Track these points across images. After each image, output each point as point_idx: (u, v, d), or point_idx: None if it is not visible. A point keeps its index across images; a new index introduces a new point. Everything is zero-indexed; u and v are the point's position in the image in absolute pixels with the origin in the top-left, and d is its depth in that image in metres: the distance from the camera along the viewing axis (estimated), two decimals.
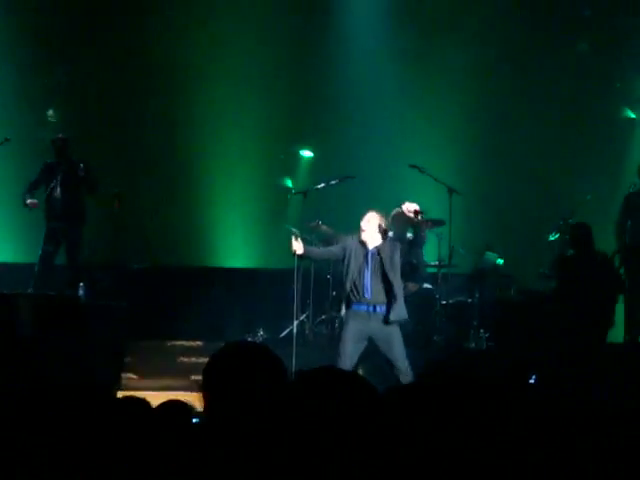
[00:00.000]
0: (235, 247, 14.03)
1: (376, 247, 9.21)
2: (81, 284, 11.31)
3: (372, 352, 9.17)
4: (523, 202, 13.87)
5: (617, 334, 11.15)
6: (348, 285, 9.07)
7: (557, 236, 12.01)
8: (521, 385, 4.36)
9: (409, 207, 9.23)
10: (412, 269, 11.95)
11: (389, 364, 8.87)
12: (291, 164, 14.47)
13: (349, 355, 8.83)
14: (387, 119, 14.27)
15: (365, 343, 8.99)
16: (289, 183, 12.26)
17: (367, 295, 9.03)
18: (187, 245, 13.99)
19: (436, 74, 13.99)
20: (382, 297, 9.03)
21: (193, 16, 14.11)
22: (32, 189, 12.12)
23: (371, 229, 9.24)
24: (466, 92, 14.01)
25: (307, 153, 13.81)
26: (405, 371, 8.68)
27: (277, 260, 12.78)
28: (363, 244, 9.22)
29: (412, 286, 11.38)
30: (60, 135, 12.25)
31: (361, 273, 9.11)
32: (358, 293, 9.04)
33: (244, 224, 14.09)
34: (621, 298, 10.96)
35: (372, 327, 8.94)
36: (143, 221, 13.86)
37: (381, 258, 9.12)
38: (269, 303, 12.19)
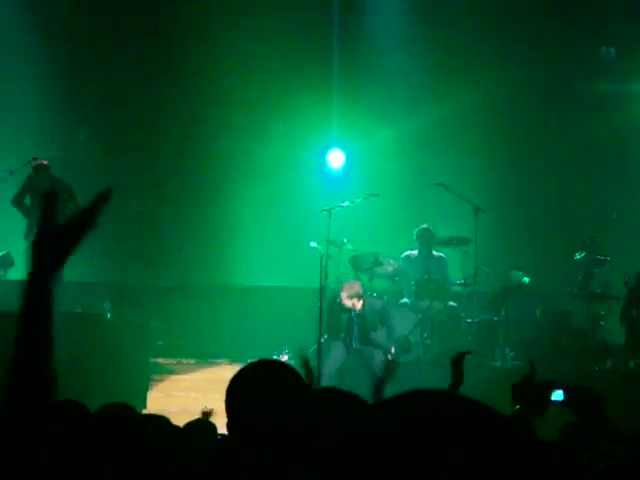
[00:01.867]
0: (259, 264, 14.02)
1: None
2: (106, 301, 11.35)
3: None
4: (550, 220, 13.81)
5: None
6: None
7: (583, 255, 11.93)
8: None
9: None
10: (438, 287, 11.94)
11: None
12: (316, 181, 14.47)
13: None
14: (414, 137, 14.25)
15: None
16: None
17: None
18: (209, 264, 14.00)
19: (462, 91, 13.94)
20: None
21: (227, 47, 14.13)
22: (17, 202, 12.22)
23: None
24: (492, 110, 13.98)
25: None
26: None
27: (301, 278, 12.78)
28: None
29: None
30: (38, 160, 12.12)
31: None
32: None
33: (267, 241, 14.09)
34: None
35: None
36: (165, 239, 13.88)
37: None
38: (293, 321, 12.17)
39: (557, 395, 4.14)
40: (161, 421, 4.87)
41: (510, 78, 13.97)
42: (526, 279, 12.50)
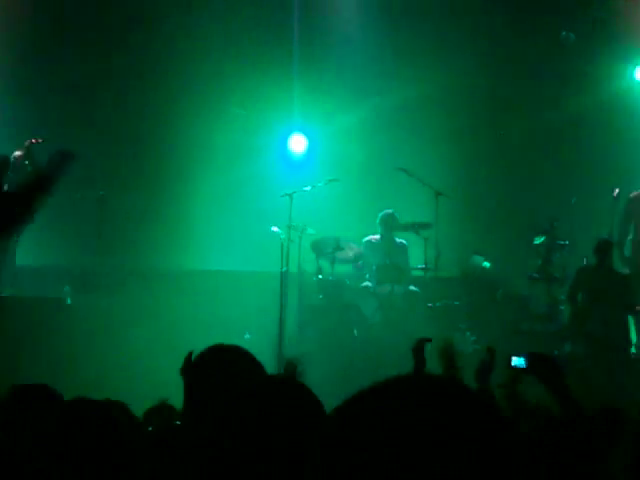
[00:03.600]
0: (219, 249, 13.98)
1: None
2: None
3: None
4: (510, 205, 13.87)
5: None
6: None
7: (543, 239, 12.01)
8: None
9: None
10: (399, 272, 11.98)
11: None
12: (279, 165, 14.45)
13: None
14: (374, 121, 14.25)
15: None
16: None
17: None
18: (170, 248, 13.94)
19: (425, 77, 13.96)
20: None
21: (185, 32, 14.03)
22: None
23: None
24: (454, 96, 14.01)
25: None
26: None
27: (262, 262, 12.77)
28: None
29: None
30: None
31: None
32: None
33: (228, 226, 14.04)
34: None
35: None
36: (128, 224, 13.82)
37: None
38: (254, 306, 12.16)
39: (518, 361, 4.20)
40: (120, 407, 4.84)
41: (471, 63, 14.00)
42: (487, 264, 12.58)
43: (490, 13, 14.09)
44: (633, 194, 12.20)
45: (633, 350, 11.47)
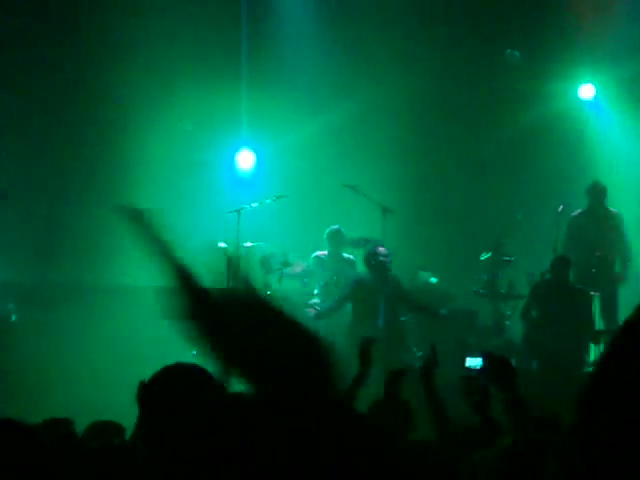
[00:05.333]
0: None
1: None
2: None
3: None
4: (456, 221, 13.96)
5: None
6: None
7: (489, 255, 12.12)
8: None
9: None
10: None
11: None
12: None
13: None
14: (322, 137, 14.27)
15: None
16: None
17: None
18: (116, 264, 13.82)
19: (374, 93, 14.02)
20: None
21: (132, 46, 13.93)
22: None
23: None
24: (403, 112, 14.08)
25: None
26: None
27: (208, 279, 12.69)
28: None
29: None
30: None
31: None
32: None
33: (178, 241, 13.91)
34: None
35: None
36: (72, 240, 13.69)
37: None
38: None
39: (474, 362, 4.21)
40: (62, 424, 4.80)
41: (419, 77, 14.09)
42: (433, 279, 12.66)
43: (439, 31, 14.20)
44: (576, 212, 12.34)
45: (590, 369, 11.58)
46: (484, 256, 12.21)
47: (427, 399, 4.92)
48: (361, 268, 12.35)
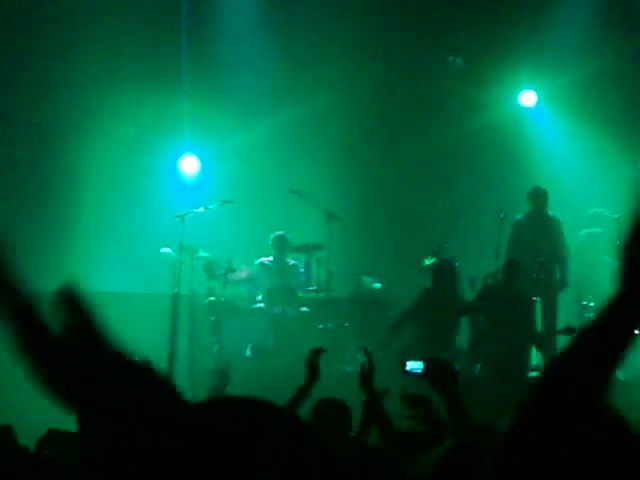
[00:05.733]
0: (109, 271, 13.77)
1: None
2: None
3: None
4: (400, 226, 14.03)
5: None
6: None
7: (432, 261, 12.19)
8: None
9: None
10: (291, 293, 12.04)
11: None
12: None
13: None
14: (267, 142, 14.27)
15: None
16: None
17: None
18: (58, 269, 13.69)
19: (318, 96, 14.04)
20: None
21: (73, 50, 13.78)
22: None
23: None
24: (346, 115, 14.10)
25: None
26: None
27: (153, 285, 12.65)
28: None
29: None
30: None
31: None
32: None
33: (118, 247, 13.83)
34: None
35: None
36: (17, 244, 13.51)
37: None
38: (144, 328, 12.03)
39: (415, 366, 4.22)
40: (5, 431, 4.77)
41: (362, 83, 14.16)
42: (377, 285, 12.72)
43: (384, 34, 14.27)
44: (518, 217, 12.45)
45: (534, 374, 11.69)
46: (427, 261, 12.28)
47: (368, 404, 4.96)
48: (313, 273, 12.33)
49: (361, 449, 4.80)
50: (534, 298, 11.67)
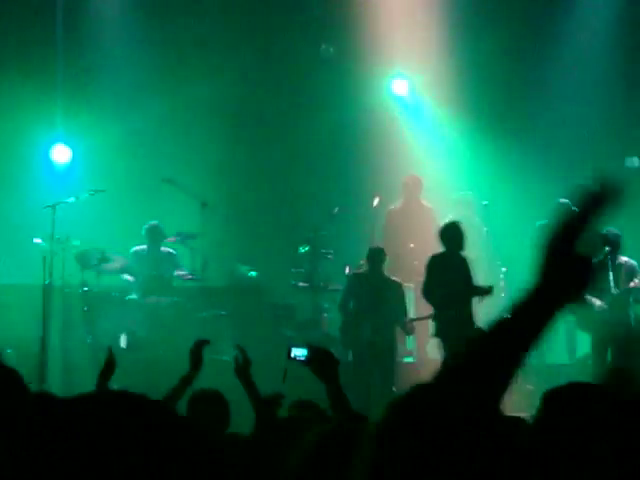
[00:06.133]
0: None
1: None
2: None
3: None
4: (275, 215, 14.06)
5: None
6: None
7: (307, 248, 12.27)
8: None
9: None
10: (166, 282, 11.95)
11: None
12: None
13: None
14: (141, 131, 14.12)
15: None
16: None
17: None
18: None
19: (190, 92, 13.95)
20: None
21: None
22: None
23: None
24: (220, 104, 14.06)
25: None
26: None
27: (24, 275, 12.42)
28: None
29: None
30: None
31: None
32: None
33: None
34: None
35: None
36: None
37: None
38: (15, 319, 11.80)
39: (299, 353, 4.28)
40: None
41: (232, 72, 14.12)
42: (253, 273, 12.74)
43: (252, 27, 14.27)
44: (392, 206, 12.59)
45: (409, 358, 11.88)
46: (302, 249, 12.35)
47: (249, 396, 4.98)
48: (185, 262, 12.28)
49: (236, 441, 4.82)
50: (408, 284, 11.83)
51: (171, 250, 12.46)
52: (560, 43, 14.27)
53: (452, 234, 10.35)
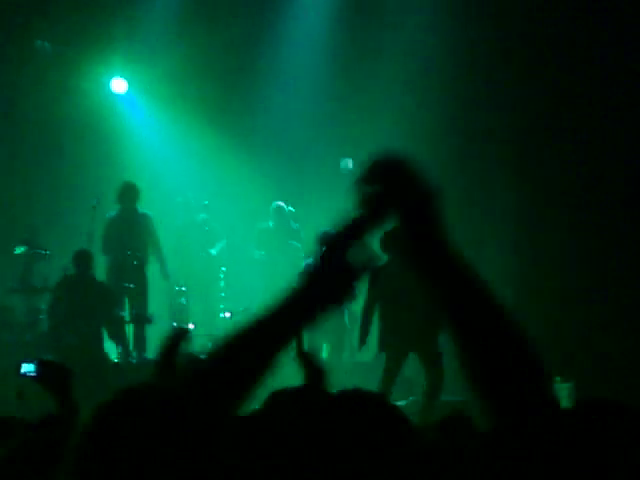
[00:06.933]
0: None
1: None
2: None
3: None
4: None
5: None
6: None
7: (23, 249, 11.99)
8: None
9: None
10: None
11: None
12: None
13: None
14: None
15: None
16: None
17: None
18: None
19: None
20: None
21: None
22: None
23: None
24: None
25: None
26: None
27: None
28: None
29: None
30: None
31: None
32: None
33: None
34: None
35: None
36: None
37: None
38: None
39: (27, 368, 4.20)
40: None
41: None
42: None
43: None
44: (111, 213, 12.22)
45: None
46: (19, 250, 12.05)
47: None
48: None
49: None
50: (128, 284, 11.71)
51: None
52: (278, 38, 14.45)
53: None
